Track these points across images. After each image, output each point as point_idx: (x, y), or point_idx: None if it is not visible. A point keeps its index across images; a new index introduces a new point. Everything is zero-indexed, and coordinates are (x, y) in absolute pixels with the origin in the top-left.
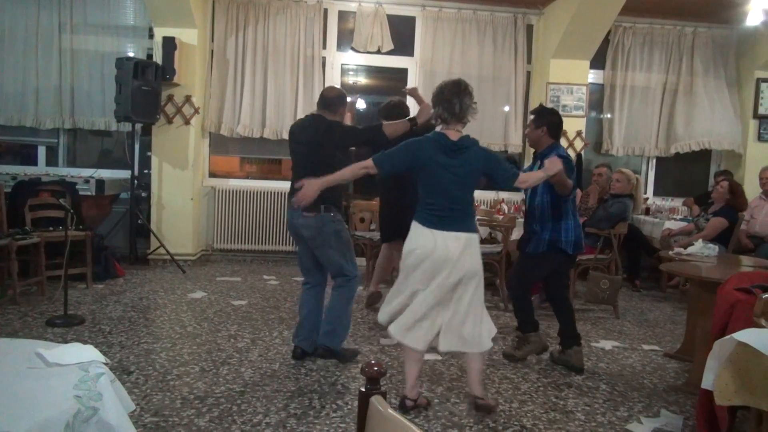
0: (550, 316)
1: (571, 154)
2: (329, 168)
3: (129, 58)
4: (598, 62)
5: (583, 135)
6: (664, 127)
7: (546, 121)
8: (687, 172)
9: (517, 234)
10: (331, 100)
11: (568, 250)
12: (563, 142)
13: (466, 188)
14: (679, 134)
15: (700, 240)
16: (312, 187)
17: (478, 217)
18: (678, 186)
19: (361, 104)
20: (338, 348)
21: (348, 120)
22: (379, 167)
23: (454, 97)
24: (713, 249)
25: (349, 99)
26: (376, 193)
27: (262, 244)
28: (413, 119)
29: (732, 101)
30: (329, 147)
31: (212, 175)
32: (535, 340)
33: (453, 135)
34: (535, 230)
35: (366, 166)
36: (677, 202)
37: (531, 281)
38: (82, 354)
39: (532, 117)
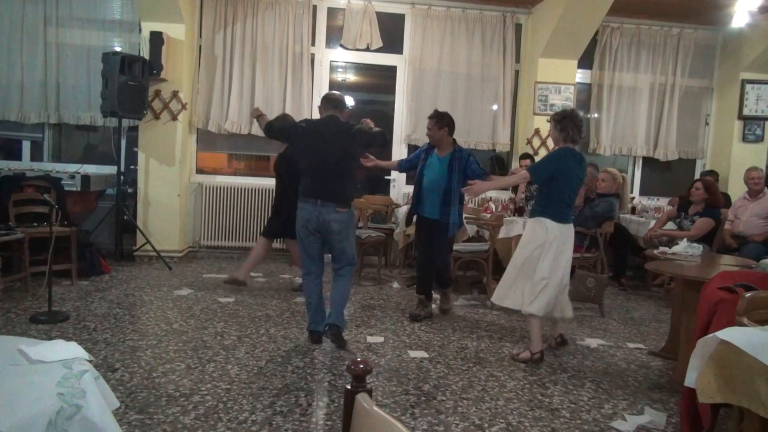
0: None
1: None
2: (354, 169)
3: (116, 53)
4: (585, 62)
5: None
6: (650, 127)
7: (446, 123)
8: (673, 172)
9: (504, 232)
10: (340, 101)
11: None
12: (550, 142)
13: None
14: (661, 137)
15: (685, 239)
16: (483, 186)
17: (465, 215)
18: (664, 186)
19: (349, 101)
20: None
21: None
22: (533, 176)
23: (581, 124)
24: (698, 248)
25: None
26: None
27: (249, 241)
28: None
29: (714, 104)
30: (356, 149)
31: (199, 171)
32: (429, 305)
33: (577, 150)
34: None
35: (525, 176)
36: (663, 202)
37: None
38: (66, 351)
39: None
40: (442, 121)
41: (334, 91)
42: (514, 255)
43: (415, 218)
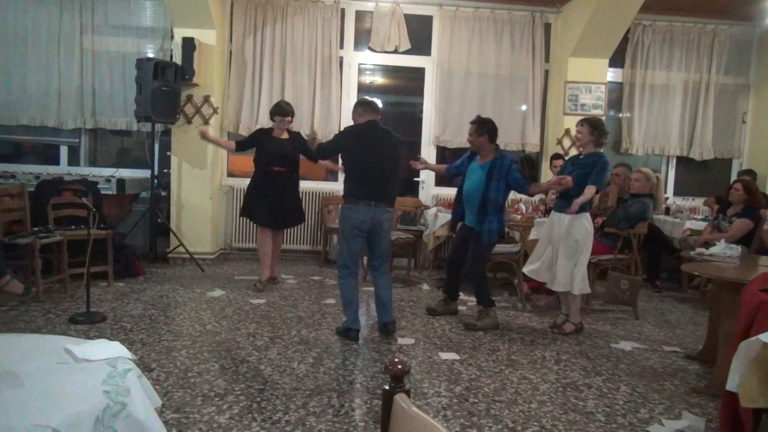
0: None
1: None
2: (398, 171)
3: (149, 59)
4: (616, 60)
5: None
6: (684, 126)
7: (486, 129)
8: (708, 171)
9: (535, 234)
10: (378, 107)
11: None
12: None
13: None
14: (696, 136)
15: (723, 240)
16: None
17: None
18: (699, 185)
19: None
20: None
21: None
22: (600, 187)
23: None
24: (736, 249)
25: None
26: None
27: None
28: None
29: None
30: (399, 153)
31: (230, 174)
32: (493, 314)
33: None
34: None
35: (593, 191)
36: (698, 202)
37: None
38: (110, 350)
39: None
40: (482, 128)
41: (367, 97)
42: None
43: (459, 225)
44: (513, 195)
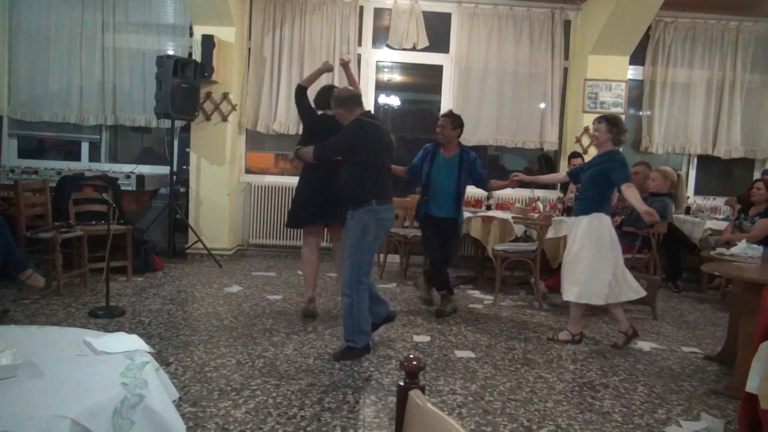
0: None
1: None
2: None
3: (169, 56)
4: (637, 58)
5: None
6: (708, 124)
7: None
8: (730, 171)
9: (552, 232)
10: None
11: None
12: None
13: None
14: (721, 134)
15: (744, 240)
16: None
17: (512, 215)
18: (721, 185)
19: (395, 101)
20: None
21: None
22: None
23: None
24: (758, 250)
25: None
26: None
27: (296, 240)
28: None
29: None
30: None
31: (248, 171)
32: (453, 299)
33: None
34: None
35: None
36: (719, 202)
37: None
38: (128, 343)
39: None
40: (456, 122)
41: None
42: (579, 253)
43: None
44: (529, 193)
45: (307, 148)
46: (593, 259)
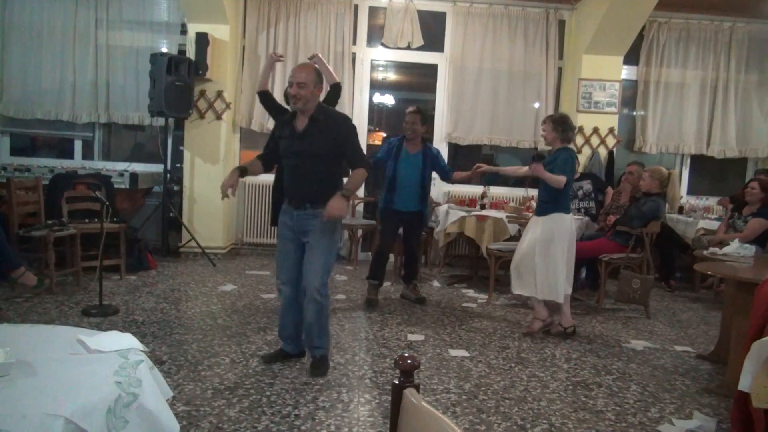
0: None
1: (603, 151)
2: None
3: (163, 54)
4: (631, 58)
5: (615, 132)
6: (699, 125)
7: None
8: (723, 171)
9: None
10: None
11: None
12: (595, 140)
13: None
14: (715, 134)
15: (737, 240)
16: (539, 170)
17: (506, 214)
18: (714, 185)
19: (389, 100)
20: None
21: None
22: (569, 178)
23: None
24: (750, 249)
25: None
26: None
27: None
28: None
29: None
30: None
31: None
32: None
33: None
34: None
35: (563, 180)
36: (712, 202)
37: None
38: (122, 341)
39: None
40: (425, 117)
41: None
42: (534, 250)
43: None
44: (523, 192)
45: (352, 183)
46: (542, 258)
